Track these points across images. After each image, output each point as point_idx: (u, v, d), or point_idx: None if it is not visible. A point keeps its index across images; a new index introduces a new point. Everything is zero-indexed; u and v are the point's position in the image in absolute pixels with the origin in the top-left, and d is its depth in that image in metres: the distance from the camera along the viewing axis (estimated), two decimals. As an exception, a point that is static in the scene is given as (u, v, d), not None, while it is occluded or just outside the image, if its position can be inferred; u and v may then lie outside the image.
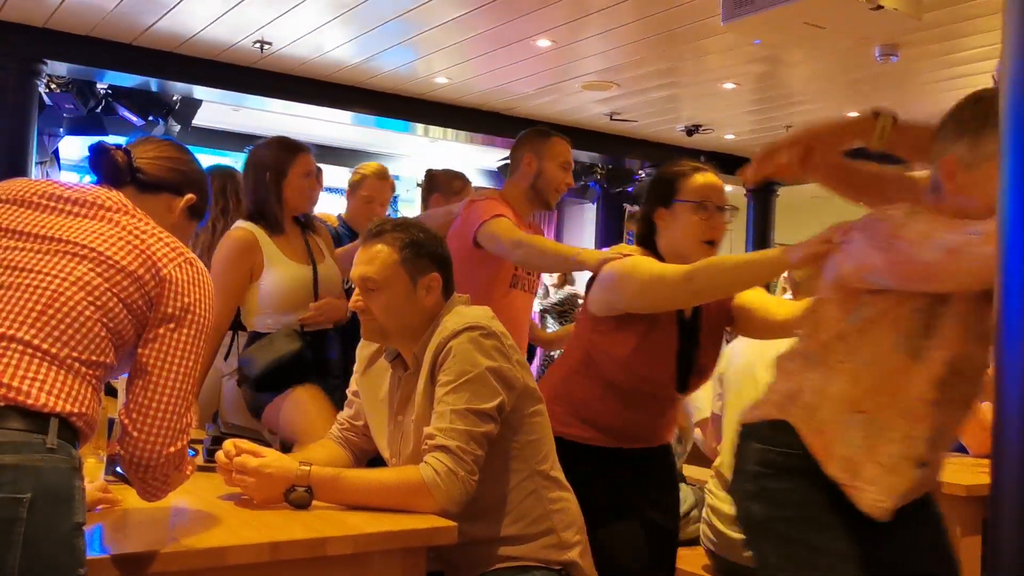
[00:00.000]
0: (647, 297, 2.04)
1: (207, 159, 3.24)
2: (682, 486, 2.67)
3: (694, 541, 2.69)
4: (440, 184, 3.70)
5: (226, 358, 2.83)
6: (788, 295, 2.83)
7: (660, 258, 2.16)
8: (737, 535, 2.29)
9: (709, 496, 2.55)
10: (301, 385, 2.64)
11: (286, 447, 2.47)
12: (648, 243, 2.22)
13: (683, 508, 2.60)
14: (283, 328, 2.69)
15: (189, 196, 1.62)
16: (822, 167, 1.89)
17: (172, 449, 1.38)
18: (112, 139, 1.64)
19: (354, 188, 3.60)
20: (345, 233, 3.48)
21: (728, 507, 2.33)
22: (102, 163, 1.55)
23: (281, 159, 2.79)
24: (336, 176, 8.90)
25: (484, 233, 2.73)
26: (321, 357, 2.74)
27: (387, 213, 3.62)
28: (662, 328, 2.14)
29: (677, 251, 2.15)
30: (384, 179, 3.61)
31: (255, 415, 2.72)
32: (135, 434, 1.37)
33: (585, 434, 2.20)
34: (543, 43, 5.16)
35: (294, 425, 2.60)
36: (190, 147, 1.74)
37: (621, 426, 2.22)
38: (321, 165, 2.95)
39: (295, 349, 2.63)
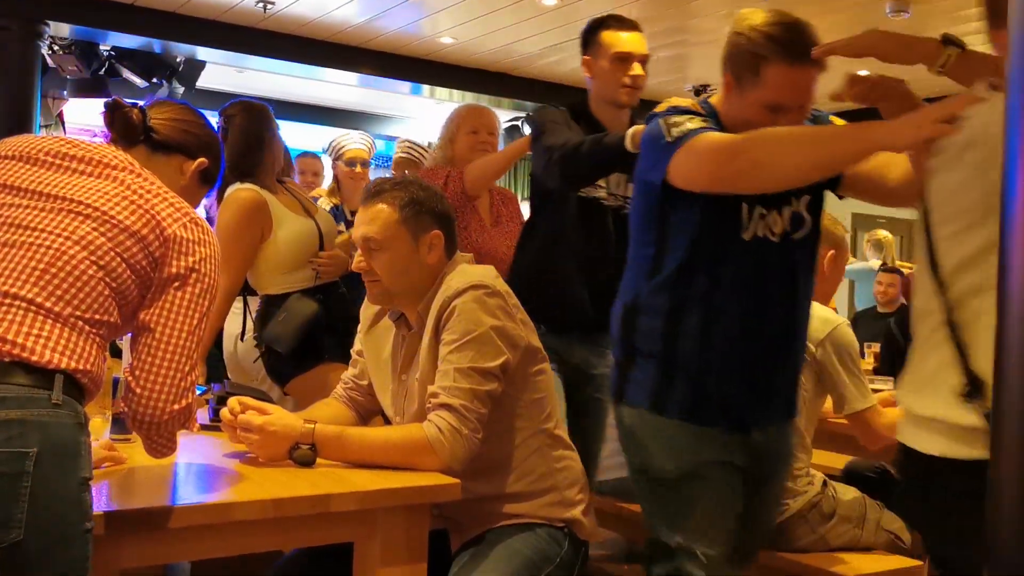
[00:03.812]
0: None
1: (213, 121, 3.24)
2: None
3: None
4: None
5: (242, 337, 2.81)
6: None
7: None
8: None
9: None
10: (324, 362, 2.68)
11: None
12: None
13: None
14: (292, 296, 2.71)
15: (201, 160, 1.62)
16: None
17: (176, 407, 1.39)
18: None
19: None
20: None
21: None
22: (116, 119, 1.55)
23: (267, 123, 2.80)
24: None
25: None
26: (332, 307, 2.77)
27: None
28: None
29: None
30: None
31: (278, 381, 2.74)
32: (139, 391, 1.38)
33: None
34: (548, 1, 5.10)
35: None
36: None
37: None
38: (326, 128, 2.95)
39: (313, 311, 2.68)
